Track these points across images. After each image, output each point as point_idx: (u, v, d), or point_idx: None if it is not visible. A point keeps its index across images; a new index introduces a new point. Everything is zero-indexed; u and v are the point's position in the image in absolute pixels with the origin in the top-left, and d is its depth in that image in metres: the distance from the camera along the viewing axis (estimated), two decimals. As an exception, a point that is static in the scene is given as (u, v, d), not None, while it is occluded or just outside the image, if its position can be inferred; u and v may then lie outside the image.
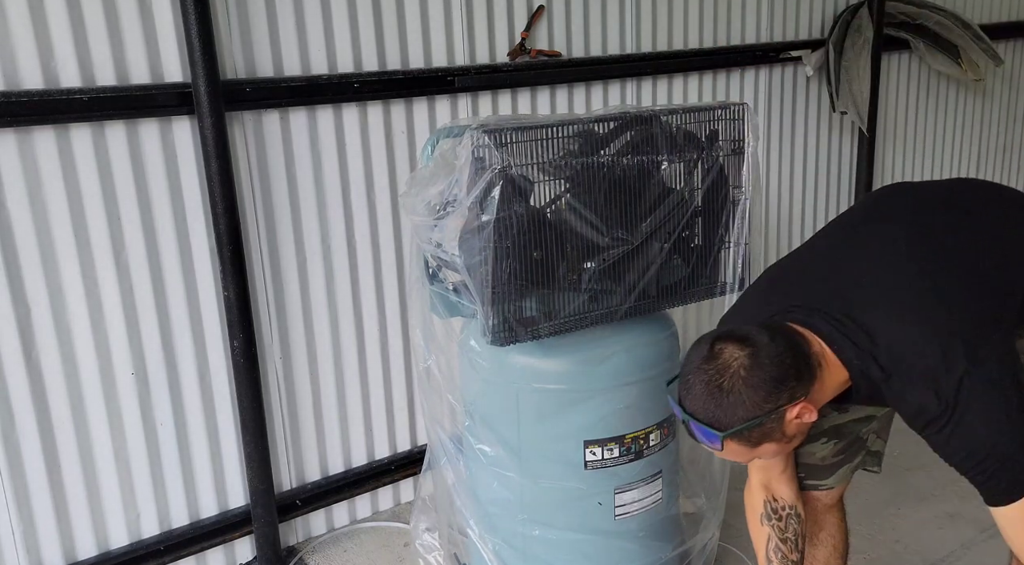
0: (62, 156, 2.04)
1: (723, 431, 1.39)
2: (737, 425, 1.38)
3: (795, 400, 1.39)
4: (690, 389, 1.42)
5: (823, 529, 1.91)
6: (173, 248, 2.23)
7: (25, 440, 2.09)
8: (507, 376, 1.95)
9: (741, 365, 1.38)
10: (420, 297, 2.04)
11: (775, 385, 1.38)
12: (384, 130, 2.52)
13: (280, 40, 2.31)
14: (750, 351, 1.39)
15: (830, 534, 1.92)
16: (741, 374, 1.38)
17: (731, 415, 1.38)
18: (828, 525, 1.91)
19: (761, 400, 1.37)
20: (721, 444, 1.40)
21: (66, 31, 1.99)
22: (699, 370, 1.41)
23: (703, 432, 1.42)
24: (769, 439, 1.41)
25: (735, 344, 1.40)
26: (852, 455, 1.83)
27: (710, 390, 1.39)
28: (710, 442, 1.42)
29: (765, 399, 1.37)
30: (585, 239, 1.84)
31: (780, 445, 1.44)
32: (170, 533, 2.35)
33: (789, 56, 3.42)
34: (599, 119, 1.87)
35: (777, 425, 1.40)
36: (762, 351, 1.39)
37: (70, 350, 2.13)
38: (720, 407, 1.38)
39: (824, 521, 1.90)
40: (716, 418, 1.39)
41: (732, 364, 1.38)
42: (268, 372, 2.44)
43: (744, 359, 1.38)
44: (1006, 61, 4.16)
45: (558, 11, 2.79)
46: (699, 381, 1.41)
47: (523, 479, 1.99)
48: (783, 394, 1.38)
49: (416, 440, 2.77)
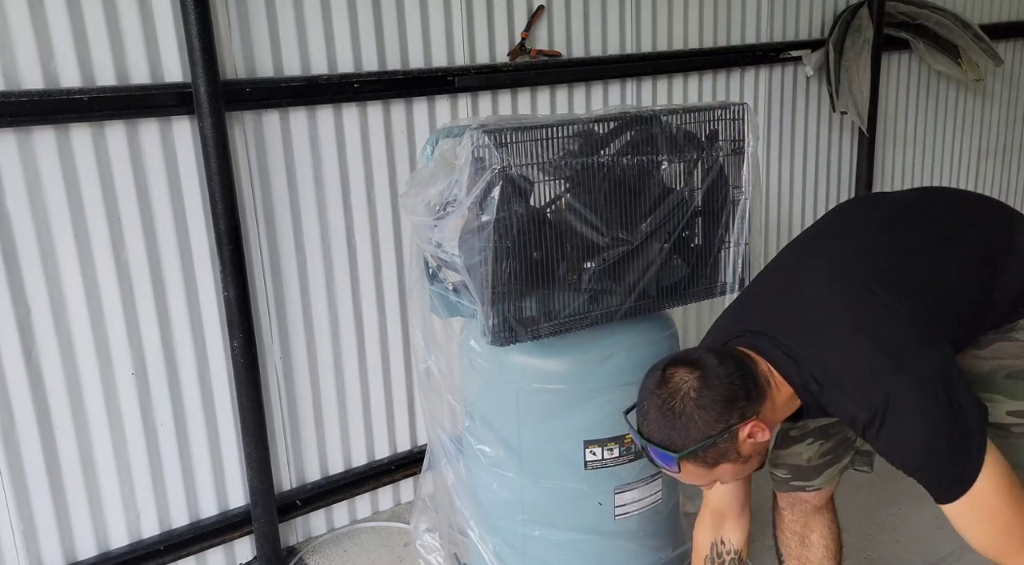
0: (62, 156, 2.04)
1: (678, 453, 1.43)
2: (691, 446, 1.42)
3: (746, 419, 1.44)
4: (645, 415, 1.48)
5: (814, 531, 1.91)
6: (173, 248, 2.23)
7: (25, 440, 2.10)
8: (507, 376, 1.95)
9: (691, 388, 1.43)
10: (420, 297, 2.04)
11: (725, 405, 1.43)
12: (384, 130, 2.52)
13: (280, 40, 2.31)
14: (699, 373, 1.44)
15: (821, 536, 1.92)
16: (692, 396, 1.43)
17: (684, 437, 1.43)
18: (819, 526, 1.92)
19: (713, 420, 1.42)
20: (678, 466, 1.45)
21: (66, 31, 1.99)
22: (652, 395, 1.47)
23: (660, 456, 1.46)
24: (725, 459, 1.45)
25: (685, 368, 1.46)
26: (839, 455, 1.84)
27: (663, 413, 1.44)
28: (667, 465, 1.47)
29: (717, 419, 1.42)
30: (585, 239, 1.84)
31: (737, 466, 1.48)
32: (170, 533, 2.35)
33: (789, 56, 3.42)
34: (599, 119, 1.87)
35: (731, 445, 1.44)
36: (711, 373, 1.44)
37: (70, 350, 2.13)
38: (674, 429, 1.43)
39: (814, 522, 1.91)
40: (671, 440, 1.44)
41: (683, 387, 1.44)
42: (268, 372, 2.44)
43: (694, 381, 1.43)
44: (1006, 61, 4.16)
45: (558, 11, 2.79)
46: (653, 406, 1.46)
47: (523, 479, 1.99)
48: (734, 413, 1.43)
49: (416, 440, 2.77)
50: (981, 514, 1.42)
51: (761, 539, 2.55)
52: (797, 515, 1.91)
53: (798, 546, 1.94)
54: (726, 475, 1.50)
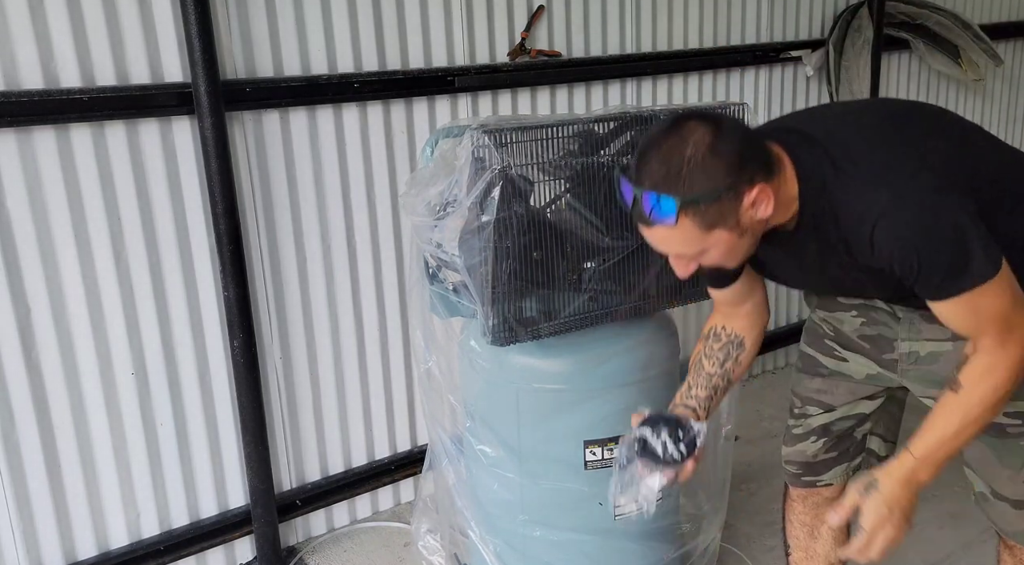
0: (62, 156, 2.04)
1: (680, 198, 1.29)
2: (695, 194, 1.28)
3: (753, 184, 1.31)
4: (646, 161, 1.33)
5: (824, 523, 1.89)
6: (173, 248, 2.23)
7: (25, 440, 2.10)
8: (507, 376, 1.95)
9: (705, 137, 1.30)
10: (420, 298, 2.04)
11: (739, 160, 1.30)
12: (384, 130, 2.53)
13: (280, 40, 2.31)
14: (715, 127, 1.31)
15: (830, 528, 1.91)
16: (706, 141, 1.29)
17: (689, 184, 1.28)
18: None
19: (723, 173, 1.29)
20: (676, 217, 1.30)
21: (66, 31, 1.99)
22: (657, 142, 1.33)
23: (656, 205, 1.31)
24: (723, 224, 1.32)
25: (699, 120, 1.32)
26: (848, 455, 1.82)
27: (669, 157, 1.30)
28: (663, 216, 1.31)
29: (727, 172, 1.29)
30: (585, 239, 1.84)
31: (732, 238, 1.35)
32: (170, 533, 2.35)
33: (789, 56, 3.42)
34: (599, 119, 1.87)
35: (733, 207, 1.31)
36: (728, 129, 1.33)
37: (70, 350, 2.13)
38: (679, 175, 1.29)
39: (825, 515, 1.89)
40: (673, 187, 1.29)
41: (696, 135, 1.30)
42: (268, 372, 2.44)
43: (708, 133, 1.30)
44: (1006, 61, 4.16)
45: (558, 11, 2.79)
46: (657, 153, 1.32)
47: (523, 480, 1.99)
48: (745, 173, 1.31)
49: (416, 440, 2.77)
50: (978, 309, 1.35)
51: (760, 539, 2.55)
52: (808, 507, 1.89)
53: (806, 537, 1.92)
54: (716, 248, 1.37)
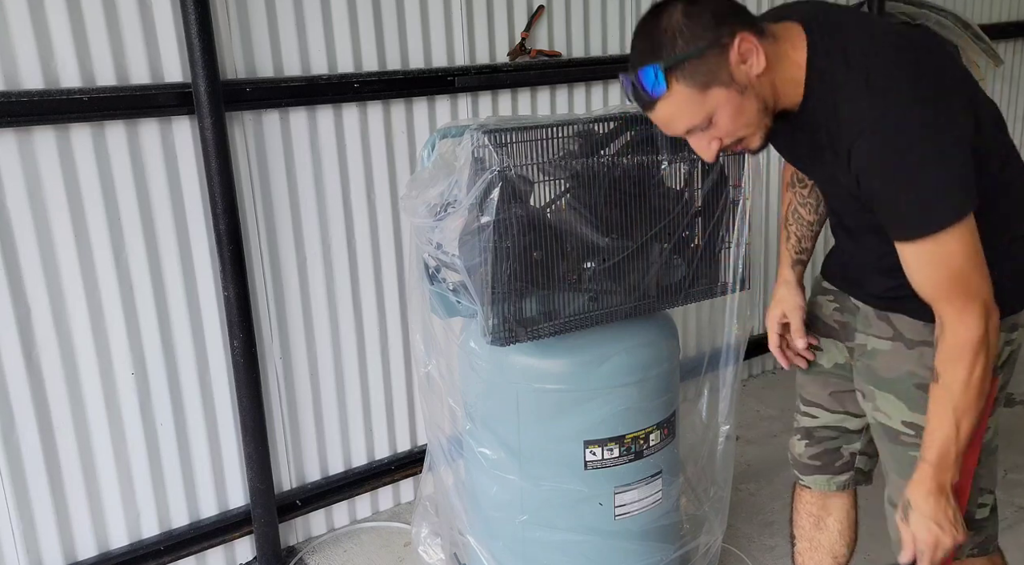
0: (62, 156, 2.04)
1: (664, 63, 1.34)
2: (678, 54, 1.33)
3: (735, 35, 1.34)
4: (634, 48, 1.40)
5: (831, 514, 1.89)
6: (173, 248, 2.23)
7: (25, 440, 2.10)
8: (507, 377, 1.95)
9: (678, 8, 1.35)
10: (419, 302, 2.04)
11: (715, 16, 1.34)
12: (384, 130, 2.53)
13: (280, 40, 2.31)
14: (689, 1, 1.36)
15: (837, 520, 1.90)
16: (678, 12, 1.34)
17: (670, 48, 1.34)
18: (836, 510, 1.89)
19: (700, 28, 1.33)
20: (666, 84, 1.34)
21: (66, 31, 1.99)
22: (639, 29, 1.40)
23: (646, 80, 1.36)
24: (717, 82, 1.35)
25: None
26: (832, 468, 1.83)
27: (651, 34, 1.37)
28: (655, 86, 1.36)
29: (704, 27, 1.33)
30: (585, 240, 1.84)
31: (732, 94, 1.36)
32: (170, 533, 2.35)
33: (789, 56, 3.41)
34: (599, 119, 1.87)
35: (721, 61, 1.34)
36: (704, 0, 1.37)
37: (70, 350, 2.13)
38: (660, 44, 1.34)
39: (832, 506, 1.89)
40: (656, 55, 1.35)
41: (670, 8, 1.36)
42: (268, 372, 2.44)
43: (680, 7, 1.35)
44: (1006, 61, 4.16)
45: (558, 11, 2.79)
46: (639, 36, 1.39)
47: (523, 481, 1.99)
48: (723, 28, 1.34)
49: (416, 440, 2.77)
50: (936, 260, 1.36)
51: (760, 539, 2.56)
52: (815, 497, 1.89)
53: (812, 528, 1.91)
54: (722, 107, 1.37)
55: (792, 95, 1.43)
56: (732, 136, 1.43)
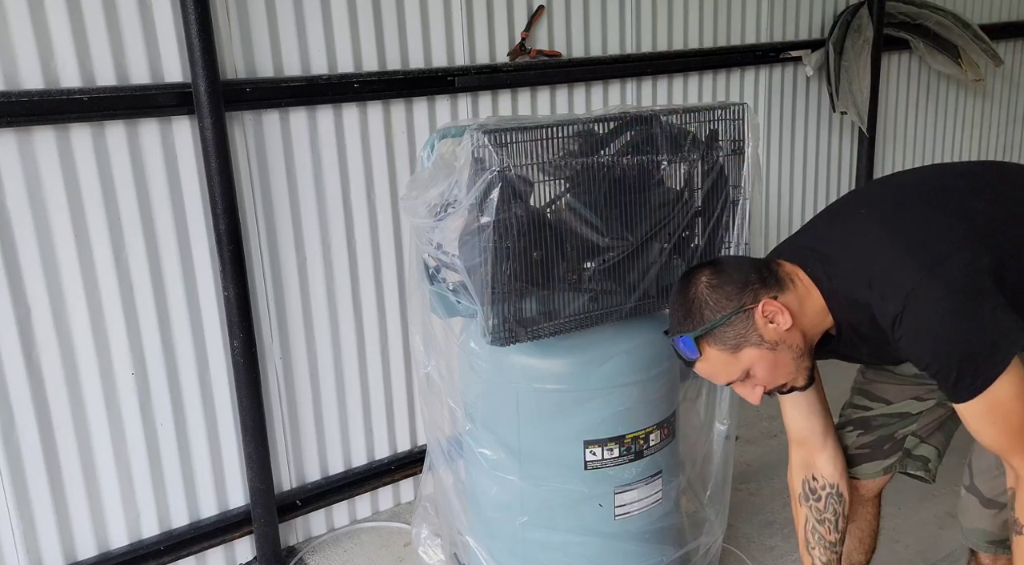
0: (62, 156, 2.04)
1: (695, 333, 1.49)
2: (706, 325, 1.48)
3: (759, 300, 1.47)
4: (671, 315, 1.57)
5: (853, 521, 1.91)
6: (173, 248, 2.23)
7: (25, 440, 2.10)
8: (507, 377, 1.95)
9: (705, 277, 1.52)
10: (419, 303, 2.04)
11: (736, 287, 1.49)
12: (384, 130, 2.52)
13: (280, 40, 2.31)
14: (713, 267, 1.54)
15: (859, 527, 1.92)
16: (704, 282, 1.51)
17: (699, 318, 1.49)
18: (860, 517, 1.91)
19: (724, 299, 1.48)
20: (698, 349, 1.50)
21: (66, 31, 1.99)
22: (675, 295, 1.57)
23: (683, 344, 1.52)
24: (747, 343, 1.48)
25: (700, 267, 1.56)
26: (882, 453, 1.84)
27: (682, 304, 1.53)
28: (689, 351, 1.52)
29: (728, 297, 1.48)
30: (585, 240, 1.84)
31: (764, 353, 1.48)
32: (170, 533, 2.35)
33: (789, 56, 3.42)
34: (599, 119, 1.87)
35: (749, 326, 1.47)
36: (725, 264, 1.56)
37: (70, 350, 2.13)
38: (689, 314, 1.50)
39: (857, 513, 1.90)
40: (688, 325, 1.51)
41: (697, 278, 1.53)
42: (268, 372, 2.44)
43: (708, 273, 1.52)
44: (1006, 61, 4.16)
45: (558, 11, 2.79)
46: (674, 304, 1.56)
47: (523, 481, 1.99)
48: (746, 294, 1.48)
49: (416, 440, 2.77)
50: (995, 416, 1.42)
51: (760, 539, 2.55)
52: None
53: None
54: (757, 365, 1.50)
55: (826, 322, 1.56)
56: (775, 383, 1.55)
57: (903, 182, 1.73)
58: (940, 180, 1.69)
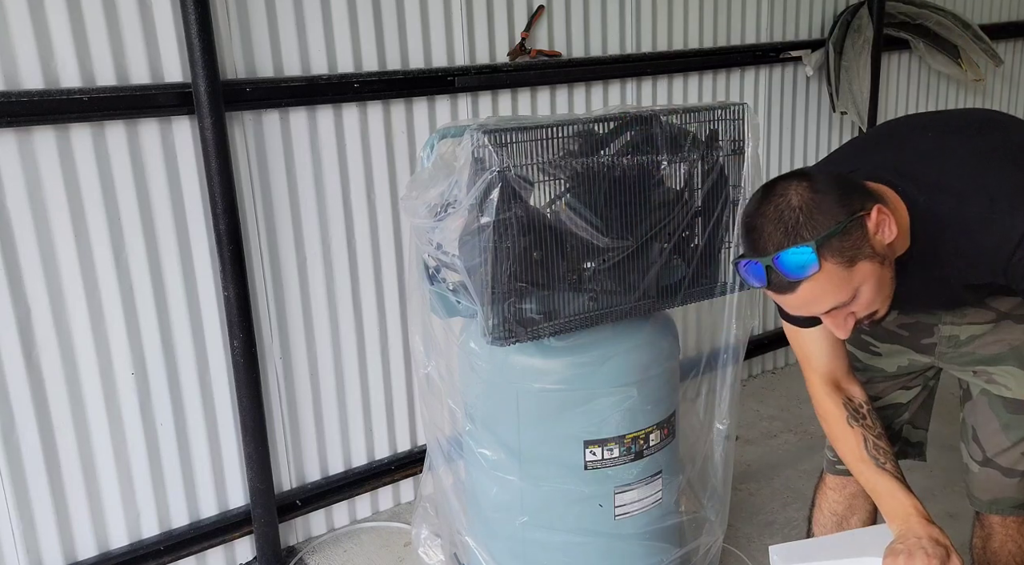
0: (62, 156, 2.04)
1: (815, 242, 1.29)
2: (825, 232, 1.29)
3: (867, 208, 1.33)
4: (760, 232, 1.34)
5: (855, 514, 1.90)
6: (173, 248, 2.23)
7: (25, 440, 2.10)
8: (507, 377, 1.95)
9: (804, 186, 1.33)
10: (420, 303, 2.04)
11: (843, 193, 1.33)
12: (384, 130, 2.52)
13: (280, 40, 2.31)
14: (807, 178, 1.35)
15: (860, 520, 1.91)
16: (805, 189, 1.33)
17: (814, 226, 1.30)
18: (861, 511, 1.90)
19: (837, 204, 1.31)
20: (819, 263, 1.29)
21: (66, 31, 1.99)
22: (759, 213, 1.35)
23: (792, 262, 1.31)
24: (862, 255, 1.32)
25: (787, 179, 1.36)
26: None
27: (782, 217, 1.32)
28: (804, 269, 1.31)
29: (840, 202, 1.32)
30: (585, 239, 1.84)
31: (875, 266, 1.35)
32: (170, 533, 2.35)
33: (789, 56, 3.42)
34: (599, 119, 1.87)
35: (862, 235, 1.32)
36: (818, 176, 1.36)
37: (70, 350, 2.13)
38: (799, 225, 1.30)
39: (858, 506, 1.89)
40: (801, 236, 1.30)
41: (793, 190, 1.33)
42: (268, 372, 2.44)
43: (804, 182, 1.34)
44: (1006, 61, 4.16)
45: (558, 11, 2.79)
46: (765, 219, 1.34)
47: (523, 482, 1.99)
48: (854, 201, 1.33)
49: (416, 440, 2.77)
50: None
51: (760, 539, 2.55)
52: (844, 496, 1.89)
53: (834, 527, 1.91)
54: (867, 284, 1.35)
55: (904, 246, 1.43)
56: (869, 308, 1.40)
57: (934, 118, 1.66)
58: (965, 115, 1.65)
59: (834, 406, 1.65)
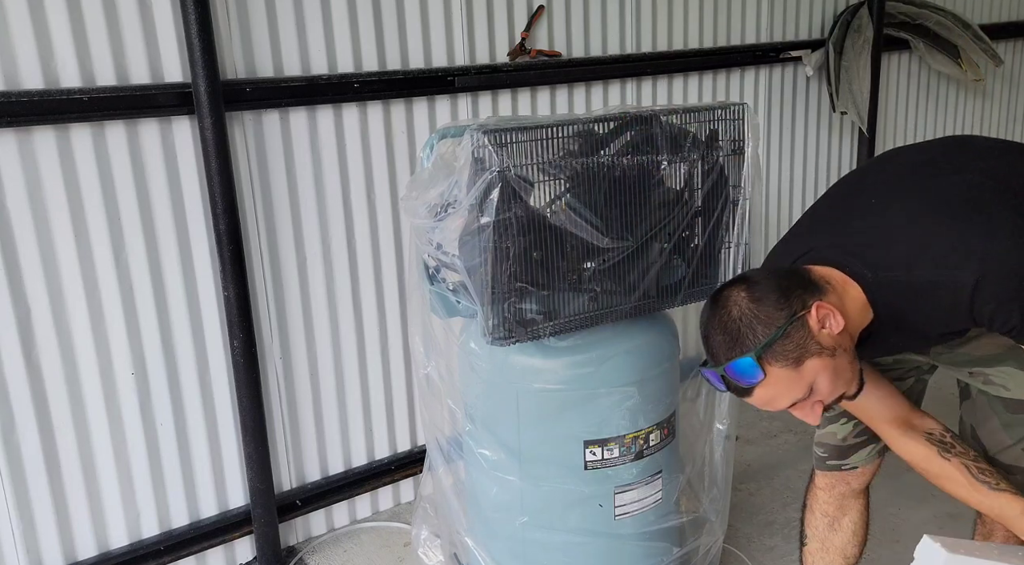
0: (62, 156, 2.04)
1: (755, 352, 1.36)
2: (762, 342, 1.36)
3: (808, 306, 1.38)
4: (711, 343, 1.43)
5: (846, 514, 1.90)
6: (173, 248, 2.23)
7: (25, 440, 2.10)
8: (507, 377, 1.95)
9: (742, 295, 1.40)
10: (419, 303, 2.04)
11: (780, 296, 1.38)
12: (384, 130, 2.52)
13: (280, 40, 2.31)
14: (746, 284, 1.42)
15: (852, 520, 1.91)
16: (743, 298, 1.39)
17: (753, 337, 1.37)
18: (852, 510, 1.90)
19: (774, 310, 1.37)
20: (762, 369, 1.37)
21: (66, 31, 1.99)
22: (709, 323, 1.43)
23: (740, 371, 1.39)
24: (808, 353, 1.37)
25: (730, 287, 1.44)
26: (875, 437, 1.81)
27: (725, 328, 1.40)
28: (751, 377, 1.38)
29: (777, 308, 1.37)
30: (585, 239, 1.84)
31: (826, 361, 1.39)
32: (170, 533, 2.35)
33: (789, 56, 3.42)
34: (599, 119, 1.87)
35: (806, 335, 1.37)
36: (758, 280, 1.43)
37: (70, 350, 2.13)
38: (740, 336, 1.38)
39: (849, 506, 1.89)
40: (742, 347, 1.38)
41: (734, 297, 1.41)
42: (268, 372, 2.44)
43: (743, 291, 1.41)
44: (1006, 61, 4.16)
45: (558, 11, 2.79)
46: (713, 331, 1.42)
47: (523, 482, 1.99)
48: (794, 301, 1.38)
49: (416, 440, 2.77)
50: None
51: (760, 539, 2.55)
52: (833, 497, 1.89)
53: (826, 529, 1.92)
54: (821, 376, 1.40)
55: (867, 319, 1.47)
56: (833, 396, 1.45)
57: (893, 161, 1.68)
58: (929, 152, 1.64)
59: (920, 446, 1.66)
